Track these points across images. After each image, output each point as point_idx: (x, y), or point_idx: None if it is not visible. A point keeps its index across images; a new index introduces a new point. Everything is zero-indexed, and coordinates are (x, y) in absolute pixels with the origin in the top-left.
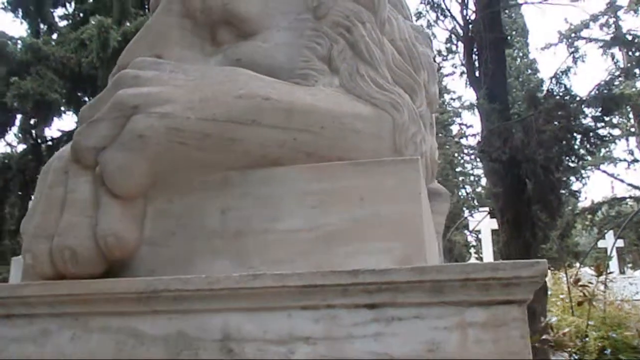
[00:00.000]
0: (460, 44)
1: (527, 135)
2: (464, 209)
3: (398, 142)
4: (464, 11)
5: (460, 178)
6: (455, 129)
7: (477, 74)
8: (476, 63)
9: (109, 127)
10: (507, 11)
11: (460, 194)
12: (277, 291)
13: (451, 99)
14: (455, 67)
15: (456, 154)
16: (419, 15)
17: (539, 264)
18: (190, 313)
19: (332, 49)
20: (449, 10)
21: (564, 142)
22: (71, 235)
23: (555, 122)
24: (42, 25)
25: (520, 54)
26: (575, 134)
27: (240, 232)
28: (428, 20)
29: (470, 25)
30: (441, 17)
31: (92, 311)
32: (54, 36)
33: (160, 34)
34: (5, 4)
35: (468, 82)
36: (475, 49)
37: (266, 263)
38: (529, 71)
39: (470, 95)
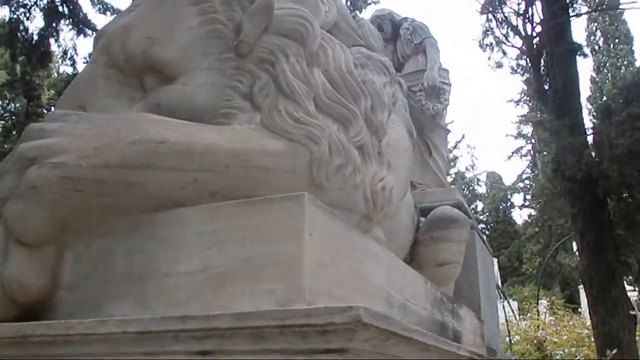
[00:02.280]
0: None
1: (599, 151)
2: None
3: (316, 176)
4: (526, 25)
5: None
6: None
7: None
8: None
9: (13, 178)
10: (607, 18)
11: None
12: (120, 337)
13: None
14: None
15: None
16: (487, 32)
17: (352, 310)
18: (56, 358)
19: (254, 86)
20: (515, 27)
21: None
22: None
23: (630, 135)
24: None
25: (625, 62)
26: None
27: (143, 275)
28: (497, 37)
29: (536, 40)
30: (510, 34)
31: None
32: None
33: (87, 85)
34: None
35: (537, 99)
36: (542, 64)
37: (164, 306)
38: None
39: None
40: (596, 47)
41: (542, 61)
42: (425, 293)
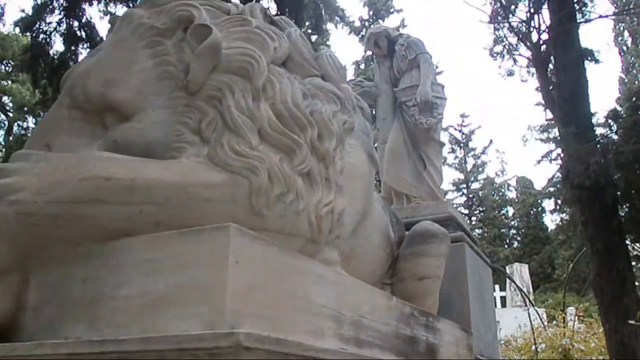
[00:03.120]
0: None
1: (605, 158)
2: None
3: (256, 205)
4: (532, 33)
5: None
6: None
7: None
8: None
9: None
10: (635, 18)
11: None
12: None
13: None
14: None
15: None
16: (497, 40)
17: (234, 335)
18: None
19: (202, 121)
20: (522, 35)
21: None
22: None
23: (635, 141)
24: None
25: None
26: None
27: (94, 300)
28: (510, 44)
29: (542, 47)
30: (524, 41)
31: None
32: None
33: (52, 125)
34: None
35: (545, 107)
36: (550, 71)
37: (111, 327)
38: None
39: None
40: (624, 48)
41: (549, 68)
42: (388, 309)
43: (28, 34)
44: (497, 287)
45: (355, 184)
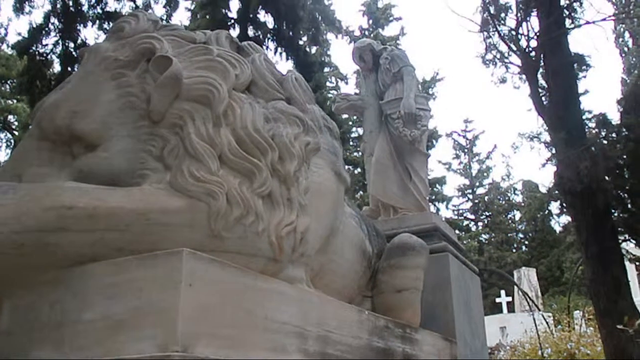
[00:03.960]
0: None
1: (594, 164)
2: None
3: (214, 228)
4: (520, 41)
5: None
6: None
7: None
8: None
9: None
10: (635, 20)
11: None
12: None
13: None
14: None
15: None
16: (488, 48)
17: (169, 358)
18: None
19: (165, 149)
20: (511, 43)
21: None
22: None
23: (619, 147)
24: None
25: None
26: None
27: (60, 324)
28: (500, 52)
29: (532, 54)
30: (512, 49)
31: None
32: None
33: (22, 156)
34: None
35: (537, 114)
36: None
37: (75, 350)
38: None
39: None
40: (625, 49)
41: (539, 75)
42: (358, 322)
43: (25, 56)
44: (502, 292)
45: (321, 202)
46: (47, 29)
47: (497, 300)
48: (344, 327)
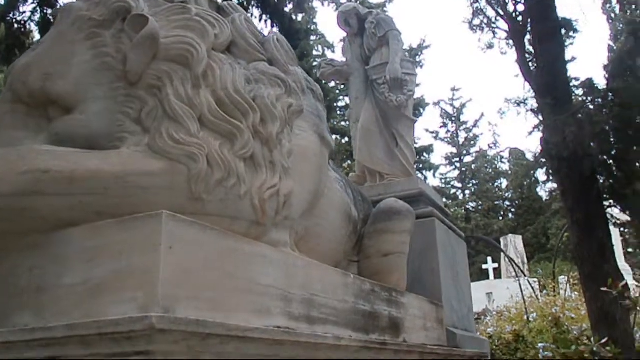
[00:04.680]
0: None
1: (581, 129)
2: None
3: (195, 191)
4: (507, 4)
5: None
6: None
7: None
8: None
9: None
10: None
11: None
12: None
13: None
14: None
15: None
16: (476, 13)
17: (147, 319)
18: None
19: (143, 111)
20: (498, 7)
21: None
22: None
23: (605, 111)
24: None
25: None
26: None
27: (40, 288)
28: (488, 17)
29: (519, 18)
30: (500, 14)
31: None
32: None
33: None
34: None
35: (524, 80)
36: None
37: (55, 314)
38: None
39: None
40: (612, 15)
41: (526, 40)
42: (344, 286)
43: (2, 24)
44: (489, 259)
45: (305, 166)
46: None
47: (484, 267)
48: (329, 290)
